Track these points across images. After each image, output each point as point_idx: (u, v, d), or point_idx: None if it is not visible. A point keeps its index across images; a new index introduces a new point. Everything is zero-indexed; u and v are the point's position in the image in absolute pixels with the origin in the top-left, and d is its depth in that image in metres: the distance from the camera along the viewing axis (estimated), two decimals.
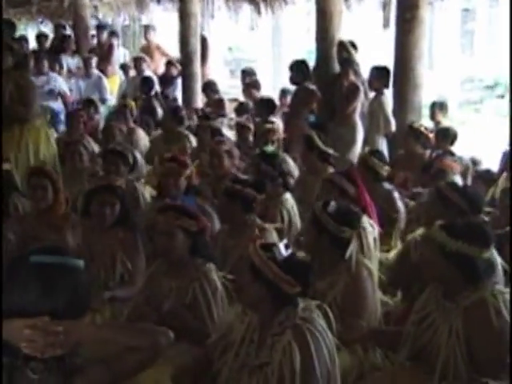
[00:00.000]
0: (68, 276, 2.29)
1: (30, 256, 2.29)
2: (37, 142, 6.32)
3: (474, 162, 6.91)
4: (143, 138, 8.16)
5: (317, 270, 3.70)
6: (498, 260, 3.71)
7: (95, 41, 12.87)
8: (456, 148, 6.96)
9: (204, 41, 11.18)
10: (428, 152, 6.75)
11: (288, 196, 5.44)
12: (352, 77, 7.86)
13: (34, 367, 2.26)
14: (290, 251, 3.09)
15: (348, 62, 7.89)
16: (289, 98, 9.01)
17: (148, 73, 11.27)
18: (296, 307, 3.04)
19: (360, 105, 7.89)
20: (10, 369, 2.26)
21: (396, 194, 5.63)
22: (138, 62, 11.47)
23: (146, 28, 12.93)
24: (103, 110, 10.32)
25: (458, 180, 4.33)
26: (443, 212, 4.08)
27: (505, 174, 6.18)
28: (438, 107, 8.07)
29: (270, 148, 6.12)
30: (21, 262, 2.30)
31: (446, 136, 6.93)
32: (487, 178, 6.26)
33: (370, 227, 4.63)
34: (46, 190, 4.93)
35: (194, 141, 7.65)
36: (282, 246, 3.08)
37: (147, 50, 12.54)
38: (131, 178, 5.89)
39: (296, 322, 3.00)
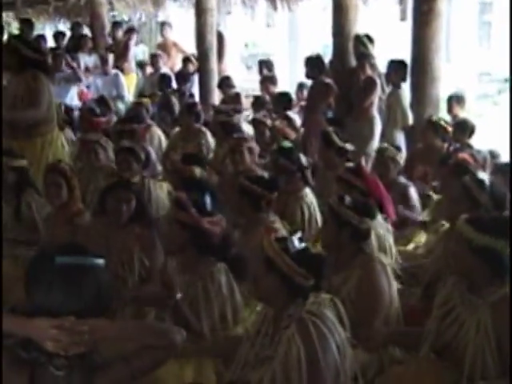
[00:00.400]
0: (91, 276, 2.35)
1: (53, 256, 2.33)
2: (55, 153, 6.32)
3: (493, 155, 6.87)
4: (159, 136, 8.15)
5: (333, 265, 3.72)
6: None
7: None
8: (474, 141, 6.92)
9: (220, 37, 11.18)
10: (446, 145, 6.73)
11: (308, 191, 5.44)
12: (369, 71, 7.85)
13: (57, 364, 2.29)
14: (303, 244, 3.10)
15: (364, 56, 7.88)
16: (305, 93, 9.00)
17: (165, 70, 11.30)
18: (305, 301, 3.05)
19: (377, 99, 7.87)
20: (32, 365, 2.29)
21: (411, 189, 5.63)
22: (154, 59, 11.51)
23: (163, 25, 12.95)
24: (121, 106, 10.37)
25: (483, 175, 4.29)
26: (468, 208, 4.05)
27: None
28: (455, 100, 8.02)
29: (287, 143, 6.11)
30: (45, 262, 2.34)
31: (464, 129, 6.90)
32: (506, 170, 6.21)
33: (381, 220, 4.66)
34: (61, 187, 4.97)
35: (210, 137, 7.65)
36: (295, 238, 3.09)
37: (164, 46, 12.57)
38: (145, 175, 5.89)
39: (301, 315, 3.01)
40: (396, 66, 7.69)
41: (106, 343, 2.37)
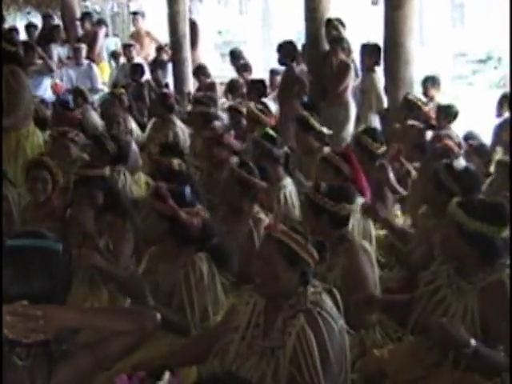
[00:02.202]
0: (43, 259, 2.29)
1: (7, 241, 2.30)
2: (32, 147, 6.25)
3: (470, 137, 6.90)
4: (132, 127, 8.03)
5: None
6: None
7: None
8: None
9: (194, 25, 11.12)
10: (421, 125, 6.71)
11: (288, 180, 5.37)
12: (342, 55, 7.82)
13: (19, 353, 2.24)
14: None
15: (337, 41, 7.85)
16: (279, 79, 8.96)
17: (138, 59, 11.22)
18: (305, 289, 3.02)
19: (351, 83, 7.86)
20: None
21: (391, 174, 5.62)
22: (127, 49, 11.43)
23: (135, 15, 12.86)
24: (96, 97, 10.28)
25: (459, 163, 4.32)
26: (436, 193, 4.10)
27: (498, 148, 6.17)
28: (430, 82, 8.04)
29: (269, 130, 6.05)
30: (1, 247, 2.30)
31: (449, 114, 6.92)
32: (482, 152, 6.25)
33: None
34: (47, 182, 4.98)
35: (181, 127, 7.57)
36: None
37: (137, 36, 12.49)
38: (120, 168, 5.76)
39: (307, 306, 2.97)
40: (369, 50, 7.69)
41: (72, 330, 2.31)
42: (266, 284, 3.03)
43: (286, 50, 8.26)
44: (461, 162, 4.34)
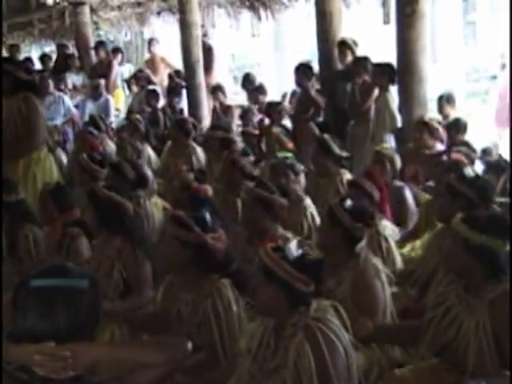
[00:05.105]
0: (68, 299, 2.26)
1: (30, 280, 2.28)
2: (44, 172, 6.28)
3: (486, 153, 6.89)
4: (148, 153, 8.09)
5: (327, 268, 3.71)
6: None
7: None
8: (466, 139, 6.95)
9: (210, 51, 11.22)
10: (438, 144, 6.73)
11: (309, 201, 5.40)
12: (365, 75, 7.84)
13: None
14: (300, 250, 3.09)
15: (360, 61, 7.89)
16: None
17: (153, 85, 11.30)
18: (309, 308, 3.03)
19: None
20: None
21: (407, 192, 5.63)
22: (137, 77, 11.52)
23: (150, 41, 12.96)
24: (113, 125, 10.37)
25: (470, 171, 4.32)
26: (453, 205, 4.09)
27: None
28: (445, 100, 8.05)
29: (286, 153, 6.08)
30: (23, 286, 2.29)
31: (458, 128, 6.97)
32: (498, 167, 6.23)
33: (392, 231, 4.68)
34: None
35: (200, 153, 7.63)
36: (292, 245, 3.07)
37: (152, 62, 12.58)
38: (139, 194, 5.79)
39: (307, 322, 2.99)
40: (383, 70, 7.71)
41: (102, 365, 2.31)
42: (259, 308, 3.13)
43: (301, 72, 8.31)
44: (470, 170, 4.34)
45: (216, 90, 10.32)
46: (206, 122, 9.91)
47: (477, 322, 3.13)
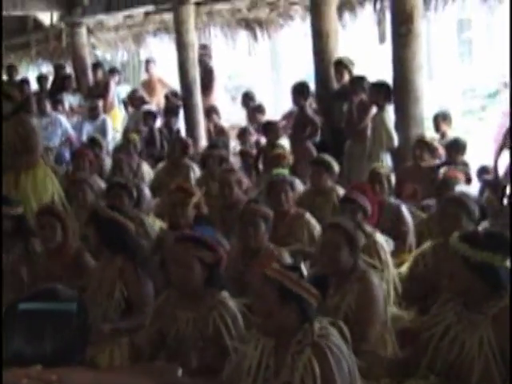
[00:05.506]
0: (56, 323, 2.24)
1: (19, 304, 2.26)
2: (43, 188, 6.28)
3: (484, 171, 6.90)
4: (149, 172, 8.19)
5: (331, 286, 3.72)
6: None
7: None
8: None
9: (211, 72, 11.28)
10: (435, 162, 6.75)
11: (308, 215, 5.45)
12: (362, 95, 7.86)
13: None
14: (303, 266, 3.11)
15: (358, 80, 7.92)
16: None
17: (149, 106, 11.31)
18: (312, 325, 3.01)
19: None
20: None
21: (404, 209, 5.63)
22: (132, 98, 11.56)
23: (147, 62, 13.00)
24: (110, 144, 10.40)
25: (462, 188, 4.35)
26: (455, 221, 4.11)
27: None
28: (441, 118, 8.08)
29: (286, 170, 6.14)
30: (10, 309, 2.27)
31: (458, 148, 6.98)
32: (495, 186, 6.24)
33: (386, 242, 4.68)
34: (55, 228, 4.89)
35: (197, 171, 7.68)
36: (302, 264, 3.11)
37: (149, 83, 12.61)
38: (138, 212, 5.84)
39: (314, 339, 2.96)
40: (379, 88, 7.73)
41: None
42: (263, 322, 3.06)
43: (298, 91, 8.34)
44: (463, 188, 4.39)
45: (210, 112, 10.42)
46: (203, 141, 9.94)
47: (480, 337, 3.11)
